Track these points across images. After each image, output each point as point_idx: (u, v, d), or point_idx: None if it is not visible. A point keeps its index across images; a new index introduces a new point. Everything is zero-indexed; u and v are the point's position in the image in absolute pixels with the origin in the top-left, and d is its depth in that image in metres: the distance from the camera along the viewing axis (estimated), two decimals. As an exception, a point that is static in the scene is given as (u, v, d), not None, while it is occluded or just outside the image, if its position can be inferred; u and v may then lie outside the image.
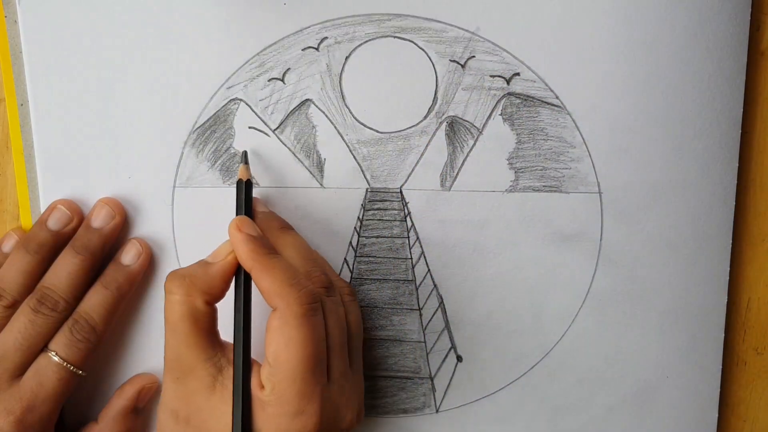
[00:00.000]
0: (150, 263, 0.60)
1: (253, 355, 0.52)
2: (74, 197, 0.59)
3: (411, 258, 0.60)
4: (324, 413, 0.50)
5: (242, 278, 0.53)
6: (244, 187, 0.56)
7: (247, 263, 0.51)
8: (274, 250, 0.52)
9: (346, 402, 0.53)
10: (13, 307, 0.56)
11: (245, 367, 0.51)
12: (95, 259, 0.57)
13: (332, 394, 0.51)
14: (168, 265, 0.60)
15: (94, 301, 0.57)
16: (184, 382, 0.51)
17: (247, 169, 0.57)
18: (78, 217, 0.58)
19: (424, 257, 0.60)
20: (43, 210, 0.59)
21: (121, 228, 0.59)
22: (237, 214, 0.55)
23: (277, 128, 0.59)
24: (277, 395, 0.49)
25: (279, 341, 0.49)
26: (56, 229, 0.58)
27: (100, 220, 0.58)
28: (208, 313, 0.52)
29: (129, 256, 0.59)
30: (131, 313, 0.60)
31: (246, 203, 0.55)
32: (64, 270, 0.56)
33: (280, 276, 0.50)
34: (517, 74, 0.58)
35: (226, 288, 0.53)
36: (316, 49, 0.58)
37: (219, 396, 0.51)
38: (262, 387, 0.50)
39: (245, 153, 0.58)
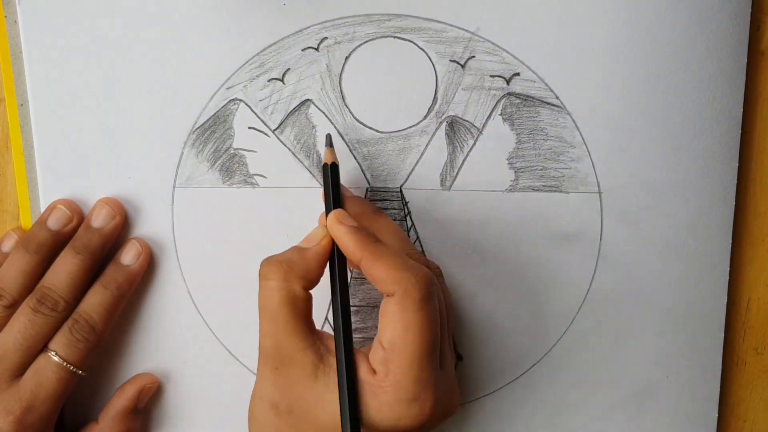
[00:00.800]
0: (150, 263, 0.60)
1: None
2: (74, 197, 0.59)
3: (411, 258, 0.60)
4: (438, 399, 0.49)
5: (336, 263, 0.52)
6: (330, 171, 0.54)
7: (356, 254, 0.50)
8: (377, 238, 0.51)
9: (454, 387, 0.52)
10: (13, 307, 0.56)
11: (349, 352, 0.49)
12: (95, 259, 0.57)
13: (445, 379, 0.50)
14: (168, 265, 0.60)
15: (94, 301, 0.56)
16: (285, 372, 0.50)
17: (333, 152, 0.56)
18: (78, 216, 0.58)
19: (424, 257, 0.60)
20: (43, 210, 0.59)
21: (122, 228, 0.59)
22: (326, 199, 0.54)
23: (276, 128, 0.59)
24: (392, 381, 0.48)
25: (396, 326, 0.48)
26: (56, 228, 0.58)
27: (100, 220, 0.58)
28: (306, 299, 0.51)
29: (129, 256, 0.58)
30: (131, 313, 0.60)
31: (334, 187, 0.54)
32: (64, 270, 0.56)
33: (393, 263, 0.49)
34: (517, 74, 0.58)
35: (322, 273, 0.52)
36: (316, 49, 0.58)
37: (322, 384, 0.49)
38: (374, 372, 0.49)
39: (329, 136, 0.57)
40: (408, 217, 0.60)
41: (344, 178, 0.59)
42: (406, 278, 0.48)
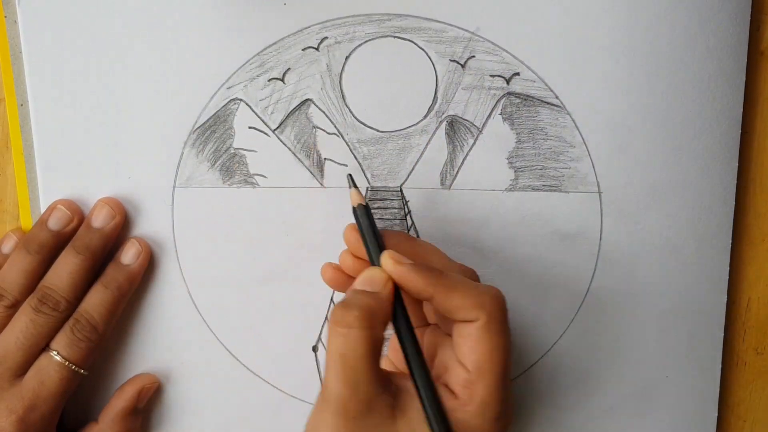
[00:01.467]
0: (150, 263, 0.60)
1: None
2: (74, 197, 0.59)
3: (411, 257, 0.60)
4: (510, 414, 0.50)
5: (399, 304, 0.50)
6: (365, 213, 0.54)
7: (428, 290, 0.49)
8: (437, 269, 0.50)
9: (512, 396, 0.52)
10: (15, 307, 0.56)
11: (429, 383, 0.49)
12: (96, 259, 0.57)
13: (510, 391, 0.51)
14: (168, 265, 0.60)
15: (95, 301, 0.57)
16: (364, 420, 0.48)
17: (359, 192, 0.55)
18: (78, 217, 0.58)
19: (424, 256, 0.60)
20: (43, 210, 0.59)
21: (122, 227, 0.59)
22: (368, 242, 0.53)
23: (277, 128, 0.59)
24: (479, 403, 0.48)
25: (483, 351, 0.48)
26: (57, 229, 0.58)
27: (100, 219, 0.58)
28: (383, 343, 0.49)
29: (129, 255, 0.59)
30: (131, 313, 0.60)
31: (372, 228, 0.53)
32: (65, 270, 0.56)
33: (468, 290, 0.48)
34: (517, 74, 0.58)
35: (391, 316, 0.51)
36: (316, 49, 0.58)
37: (402, 423, 0.48)
38: (454, 396, 0.49)
39: (350, 176, 0.56)
40: (408, 217, 0.60)
41: (345, 178, 0.59)
42: (488, 302, 0.48)
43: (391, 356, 0.56)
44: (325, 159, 0.59)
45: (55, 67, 0.58)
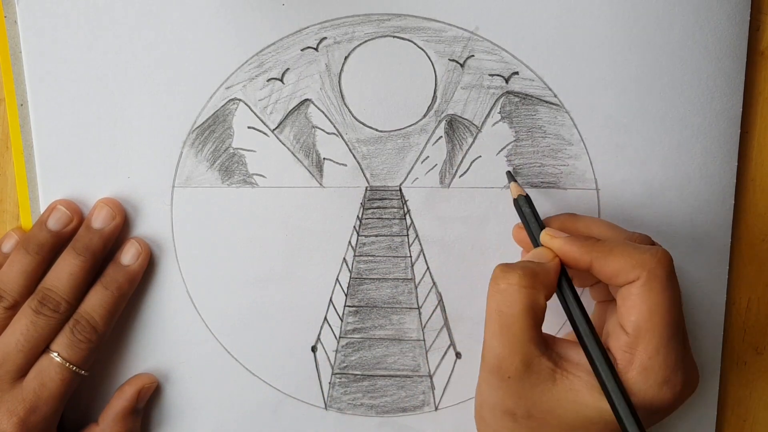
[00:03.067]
0: (149, 263, 0.60)
1: None
2: (74, 197, 0.59)
3: (410, 256, 0.60)
4: (685, 381, 0.48)
5: (564, 276, 0.51)
6: (527, 202, 0.55)
7: (585, 258, 0.49)
8: (593, 237, 0.51)
9: (694, 363, 0.51)
10: (14, 308, 0.56)
11: (600, 348, 0.48)
12: (96, 260, 0.57)
13: (688, 356, 0.50)
14: (167, 264, 0.60)
15: (95, 302, 0.57)
16: (521, 379, 0.49)
17: (519, 185, 0.57)
18: (78, 217, 0.59)
19: (423, 255, 0.60)
20: (42, 210, 0.59)
21: (122, 228, 0.59)
22: (530, 228, 0.54)
23: (276, 128, 0.59)
24: (639, 367, 0.47)
25: (641, 310, 0.47)
26: (56, 229, 0.58)
27: (100, 220, 0.58)
28: (544, 310, 0.50)
29: (128, 255, 0.59)
30: (130, 313, 0.60)
31: (535, 215, 0.55)
32: (65, 271, 0.56)
33: (627, 250, 0.48)
34: (516, 73, 0.58)
35: (556, 287, 0.51)
36: (315, 49, 0.58)
37: (562, 386, 0.48)
38: (616, 362, 0.48)
39: (509, 172, 0.59)
40: (407, 215, 0.60)
41: (344, 178, 0.59)
42: (648, 260, 0.48)
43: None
44: (324, 159, 0.59)
45: (55, 67, 0.58)
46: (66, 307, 0.56)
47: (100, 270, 0.58)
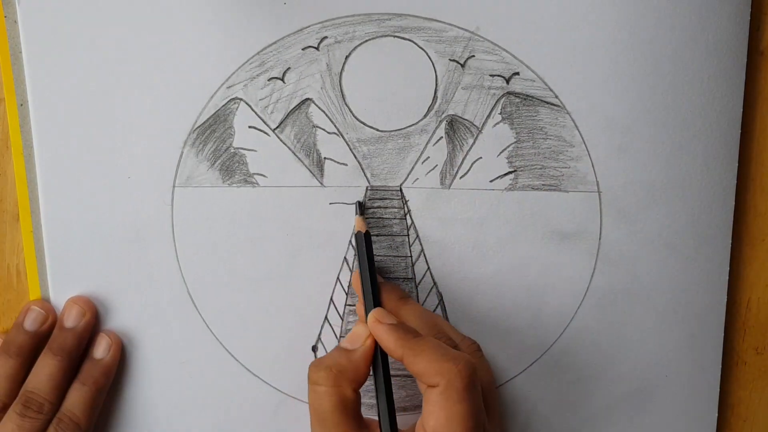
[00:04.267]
0: (149, 262, 0.60)
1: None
2: (74, 197, 0.59)
3: (411, 256, 0.60)
4: None
5: (380, 362, 0.53)
6: (364, 240, 0.57)
7: (397, 351, 0.51)
8: (415, 332, 0.52)
9: None
10: (2, 411, 0.58)
11: None
12: (72, 358, 0.59)
13: None
14: (167, 264, 0.60)
15: (75, 399, 0.58)
16: None
17: (363, 219, 0.58)
18: (52, 315, 0.60)
19: (424, 255, 0.60)
20: (42, 210, 0.59)
21: (94, 325, 0.60)
22: (361, 267, 0.56)
23: (277, 127, 0.59)
24: None
25: (439, 416, 0.49)
26: (33, 329, 0.59)
27: (71, 319, 0.59)
28: (356, 400, 0.52)
29: (100, 349, 0.60)
30: (131, 313, 0.61)
31: (369, 257, 0.56)
32: (45, 372, 0.58)
33: (434, 355, 0.50)
34: (517, 73, 0.58)
35: (369, 372, 0.53)
36: (316, 48, 0.58)
37: None
38: None
39: (359, 203, 0.59)
40: (408, 216, 0.60)
41: (345, 178, 0.59)
42: (448, 369, 0.49)
43: None
44: (325, 158, 0.59)
45: (55, 67, 0.58)
46: (49, 407, 0.57)
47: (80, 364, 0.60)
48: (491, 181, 0.59)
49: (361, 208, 0.59)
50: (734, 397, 0.63)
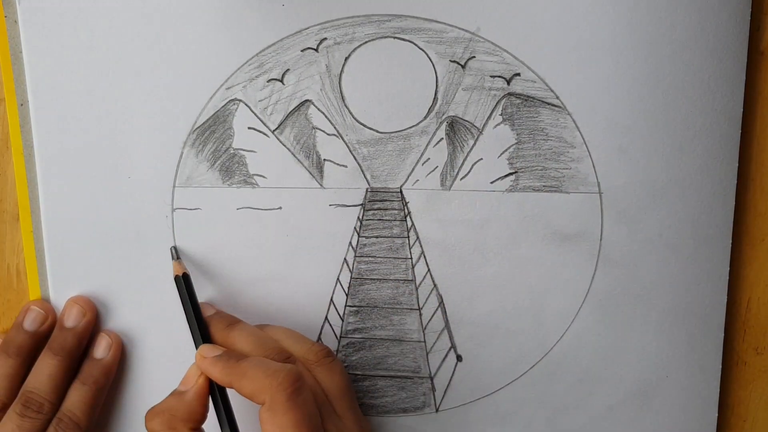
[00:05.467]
0: (149, 262, 0.60)
1: None
2: (74, 197, 0.59)
3: (411, 258, 0.60)
4: None
5: (218, 395, 0.54)
6: (183, 282, 0.58)
7: (224, 380, 0.52)
8: (240, 356, 0.53)
9: None
10: (2, 410, 0.58)
11: None
12: (73, 358, 0.59)
13: None
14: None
15: (75, 398, 0.58)
16: None
17: (181, 263, 0.59)
18: (52, 315, 0.60)
19: (424, 257, 0.60)
20: (42, 210, 0.60)
21: (94, 324, 0.61)
22: (184, 309, 0.57)
23: (276, 129, 0.59)
24: None
25: (273, 431, 0.49)
26: (32, 329, 0.60)
27: (72, 319, 0.60)
28: None
29: (100, 349, 0.60)
30: (131, 313, 0.61)
31: (191, 296, 0.57)
32: (45, 372, 0.58)
33: (255, 374, 0.50)
34: (518, 74, 0.58)
35: (206, 409, 0.54)
36: (316, 49, 0.58)
37: None
38: None
39: (174, 248, 0.60)
40: (408, 218, 0.60)
41: (345, 179, 0.59)
42: (268, 385, 0.50)
43: None
44: (324, 160, 0.59)
45: (55, 67, 0.58)
46: (49, 407, 0.57)
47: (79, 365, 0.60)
48: (492, 182, 0.59)
49: (177, 252, 0.60)
50: (734, 397, 0.63)
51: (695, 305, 0.61)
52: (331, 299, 0.60)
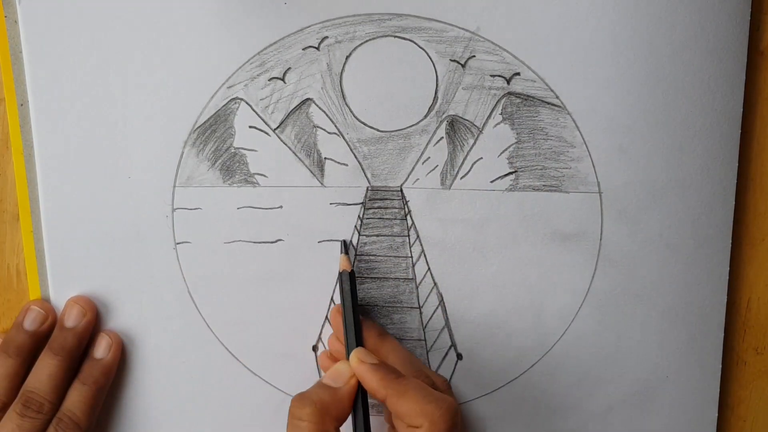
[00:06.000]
0: (149, 262, 0.60)
1: None
2: (74, 197, 0.59)
3: (411, 256, 0.60)
4: None
5: (360, 399, 0.53)
6: (349, 279, 0.57)
7: (380, 392, 0.51)
8: (397, 372, 0.53)
9: None
10: (2, 410, 0.58)
11: None
12: (73, 358, 0.59)
13: None
14: (168, 265, 0.60)
15: (75, 398, 0.58)
16: None
17: (348, 258, 0.58)
18: (52, 315, 0.60)
19: (425, 256, 0.60)
20: (42, 210, 0.60)
21: (94, 324, 0.60)
22: (344, 306, 0.57)
23: (277, 127, 0.59)
24: None
25: None
26: (32, 329, 0.59)
27: (72, 319, 0.60)
28: None
29: (101, 349, 0.60)
30: (131, 314, 0.61)
31: (353, 295, 0.57)
32: (45, 372, 0.58)
33: (417, 396, 0.50)
34: (518, 74, 0.58)
35: (351, 410, 0.53)
36: (317, 48, 0.58)
37: None
38: None
39: (345, 242, 0.59)
40: (408, 216, 0.60)
41: (345, 178, 0.59)
42: (432, 411, 0.49)
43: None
44: (325, 158, 0.59)
45: (55, 67, 0.58)
46: (49, 407, 0.57)
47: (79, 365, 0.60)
48: (492, 181, 0.59)
49: (346, 247, 0.59)
50: (734, 397, 0.63)
51: (695, 305, 0.61)
52: (332, 298, 0.60)
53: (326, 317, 0.61)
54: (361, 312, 0.60)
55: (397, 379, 0.52)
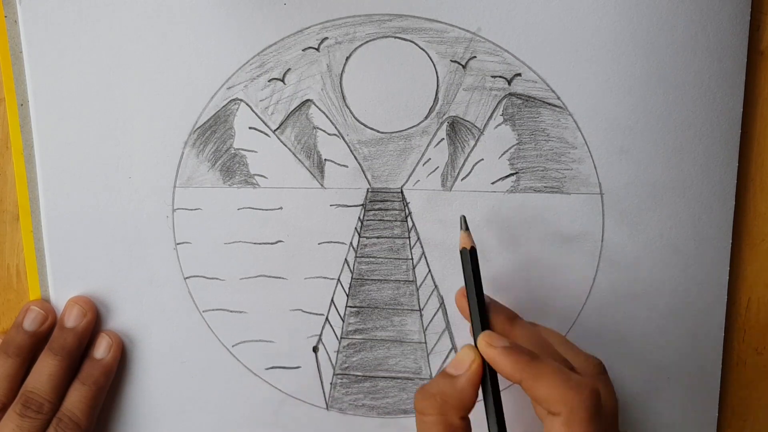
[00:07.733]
0: (149, 263, 0.60)
1: None
2: (74, 197, 0.59)
3: (412, 258, 0.60)
4: None
5: (489, 384, 0.51)
6: (470, 257, 0.54)
7: (515, 375, 0.48)
8: (532, 353, 0.49)
9: None
10: (2, 411, 0.58)
11: None
12: (73, 358, 0.59)
13: None
14: (168, 265, 0.60)
15: (75, 398, 0.58)
16: None
17: (469, 235, 0.55)
18: (52, 315, 0.60)
19: (425, 258, 0.60)
20: (42, 210, 0.59)
21: (94, 324, 0.61)
22: (467, 286, 0.54)
23: (277, 129, 0.59)
24: None
25: None
26: (32, 329, 0.60)
27: (72, 319, 0.60)
28: (465, 427, 0.50)
29: (101, 349, 0.60)
30: (131, 314, 0.61)
31: (475, 274, 0.53)
32: (45, 372, 0.58)
33: (555, 381, 0.47)
34: (519, 75, 0.58)
35: (476, 396, 0.51)
36: (317, 49, 0.58)
37: None
38: None
39: (464, 217, 0.55)
40: (409, 218, 0.60)
41: (345, 179, 0.59)
42: (571, 397, 0.47)
43: None
44: (325, 160, 0.59)
45: (55, 67, 0.58)
46: (49, 407, 0.58)
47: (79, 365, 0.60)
48: (493, 183, 0.59)
49: (466, 222, 0.55)
50: (734, 397, 0.63)
51: (695, 305, 0.61)
52: (332, 300, 0.60)
53: (326, 318, 0.61)
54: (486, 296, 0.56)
55: (532, 361, 0.48)
